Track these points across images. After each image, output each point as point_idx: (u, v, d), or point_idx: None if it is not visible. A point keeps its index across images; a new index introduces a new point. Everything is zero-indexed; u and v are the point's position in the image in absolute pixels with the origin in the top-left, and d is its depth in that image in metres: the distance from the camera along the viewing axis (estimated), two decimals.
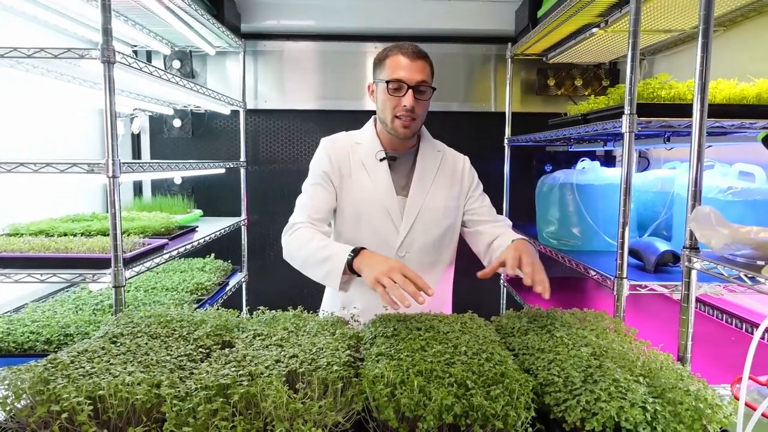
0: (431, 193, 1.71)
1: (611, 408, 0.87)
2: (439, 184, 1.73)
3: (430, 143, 1.78)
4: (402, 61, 1.57)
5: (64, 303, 2.06)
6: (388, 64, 1.59)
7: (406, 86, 1.56)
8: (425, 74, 1.59)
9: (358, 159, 1.71)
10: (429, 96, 1.62)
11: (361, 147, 1.72)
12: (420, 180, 1.70)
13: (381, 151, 1.69)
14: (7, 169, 1.56)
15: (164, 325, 1.24)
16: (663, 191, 2.13)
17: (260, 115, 3.35)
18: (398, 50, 1.59)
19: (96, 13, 2.19)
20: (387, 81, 1.58)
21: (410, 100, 1.56)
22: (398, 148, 1.72)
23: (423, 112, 1.63)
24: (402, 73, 1.56)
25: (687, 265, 1.30)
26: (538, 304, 1.55)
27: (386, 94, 1.59)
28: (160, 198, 2.97)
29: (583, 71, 3.22)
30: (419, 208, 1.68)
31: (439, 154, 1.77)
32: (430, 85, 1.62)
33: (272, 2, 3.16)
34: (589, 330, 1.25)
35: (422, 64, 1.59)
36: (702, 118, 1.26)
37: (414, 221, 1.67)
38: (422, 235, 1.69)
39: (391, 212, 1.67)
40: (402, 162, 1.72)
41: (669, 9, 2.03)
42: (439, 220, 1.71)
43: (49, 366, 0.97)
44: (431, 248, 1.72)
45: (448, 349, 1.09)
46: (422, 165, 1.72)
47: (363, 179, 1.69)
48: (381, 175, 1.68)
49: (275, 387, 0.87)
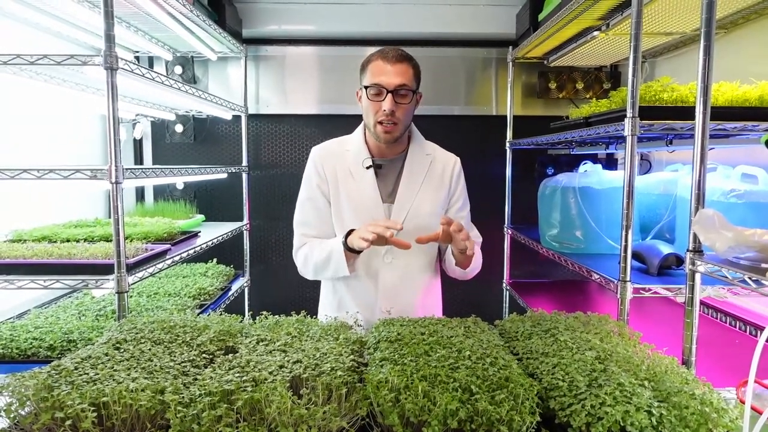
0: (418, 199, 1.70)
1: (616, 412, 0.87)
2: (427, 189, 1.72)
3: (419, 147, 1.76)
4: (382, 66, 1.57)
5: (66, 309, 2.06)
6: (370, 69, 1.59)
7: (386, 90, 1.55)
8: (406, 78, 1.57)
9: (346, 167, 1.72)
10: (411, 100, 1.60)
11: (349, 154, 1.73)
12: (407, 187, 1.70)
13: (367, 159, 1.69)
14: (10, 175, 1.56)
15: (167, 330, 1.24)
16: (665, 194, 2.13)
17: (262, 120, 3.35)
18: (379, 55, 1.59)
19: (97, 19, 2.21)
20: (366, 86, 1.59)
21: (389, 104, 1.55)
22: (387, 153, 1.71)
23: (405, 117, 1.62)
24: (381, 78, 1.56)
25: (691, 268, 1.30)
26: (541, 307, 1.55)
27: (367, 100, 1.60)
28: (162, 203, 2.97)
29: (584, 74, 3.22)
30: (405, 215, 1.68)
31: (428, 158, 1.76)
32: (413, 89, 1.60)
33: (273, 7, 3.17)
34: (593, 333, 1.25)
35: (403, 68, 1.58)
36: (705, 120, 1.26)
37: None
38: (409, 241, 1.68)
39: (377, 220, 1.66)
40: (390, 168, 1.72)
41: (670, 12, 2.03)
42: (426, 225, 1.69)
43: (52, 372, 0.97)
44: (419, 254, 1.73)
45: (452, 353, 1.09)
46: (410, 171, 1.71)
47: (350, 187, 1.70)
48: (367, 184, 1.69)
49: (279, 393, 0.87)
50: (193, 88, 2.23)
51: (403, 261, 1.71)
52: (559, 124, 2.32)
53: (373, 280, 1.71)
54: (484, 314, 1.44)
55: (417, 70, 1.64)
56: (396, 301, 1.70)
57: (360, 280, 1.72)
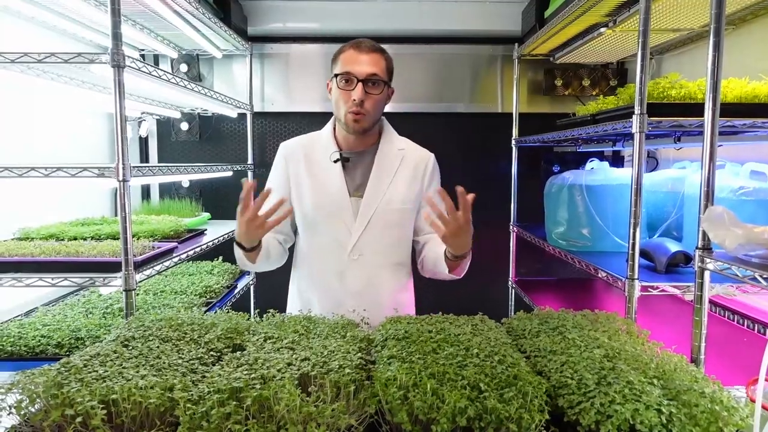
0: (388, 193, 1.65)
1: (626, 410, 0.86)
2: (399, 183, 1.67)
3: (391, 141, 1.72)
4: (354, 55, 1.55)
5: (74, 307, 2.07)
6: (341, 59, 1.57)
7: (356, 79, 1.53)
8: (378, 68, 1.55)
9: (314, 160, 1.68)
10: (382, 91, 1.57)
11: (317, 147, 1.70)
12: (377, 180, 1.65)
13: (335, 152, 1.66)
14: (18, 173, 1.57)
15: (175, 328, 1.24)
16: (673, 191, 2.12)
17: (267, 118, 3.35)
18: (351, 45, 1.57)
19: (103, 17, 2.21)
20: (336, 74, 1.56)
21: (359, 93, 1.53)
22: (356, 146, 1.67)
23: (375, 107, 1.58)
24: (352, 66, 1.54)
25: (700, 265, 1.29)
26: (547, 305, 1.54)
27: (337, 89, 1.57)
28: (168, 201, 2.98)
29: (590, 71, 3.20)
30: (374, 209, 1.63)
31: (400, 153, 1.70)
32: (384, 80, 1.57)
33: (278, 5, 3.17)
34: (601, 331, 1.24)
35: (374, 58, 1.56)
36: (714, 117, 1.25)
37: (368, 223, 1.63)
38: (378, 237, 1.65)
39: (344, 214, 1.63)
40: (360, 161, 1.68)
41: (677, 8, 2.02)
42: (397, 221, 1.66)
43: (62, 370, 0.98)
44: (388, 251, 1.69)
45: (460, 351, 1.08)
46: (380, 164, 1.67)
47: (316, 182, 1.66)
48: (333, 177, 1.65)
49: (288, 390, 0.87)
50: (199, 86, 2.23)
51: (371, 258, 1.66)
52: (566, 121, 2.31)
53: (339, 279, 1.66)
54: (490, 312, 1.43)
55: (390, 63, 1.62)
56: (363, 301, 1.63)
57: (325, 280, 1.68)
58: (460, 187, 1.31)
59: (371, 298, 1.66)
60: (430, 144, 1.79)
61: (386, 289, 1.70)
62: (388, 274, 1.70)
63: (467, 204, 1.33)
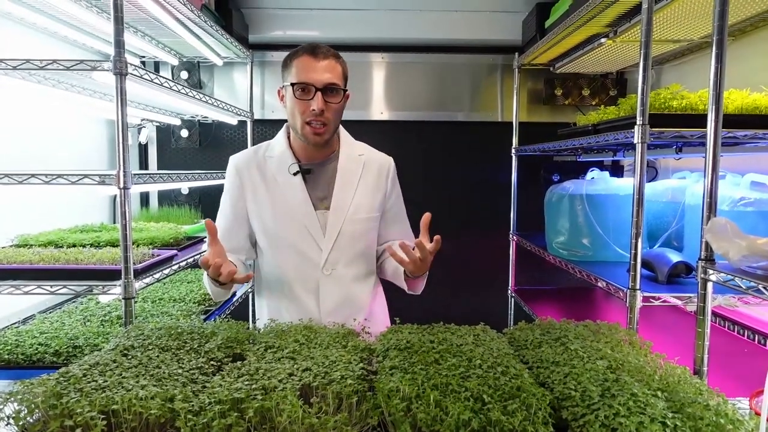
0: (354, 204, 1.59)
1: (631, 423, 0.85)
2: (363, 192, 1.62)
3: (350, 148, 1.66)
4: (310, 62, 1.46)
5: (71, 314, 2.06)
6: (295, 66, 1.48)
7: (314, 88, 1.46)
8: (335, 75, 1.49)
9: (270, 175, 1.59)
10: (341, 99, 1.52)
11: (272, 161, 1.61)
12: (341, 191, 1.58)
13: (294, 164, 1.58)
14: (18, 180, 1.56)
15: (175, 337, 1.23)
16: (673, 201, 2.12)
17: (267, 125, 3.35)
18: (305, 51, 1.48)
19: (103, 24, 2.21)
20: (293, 84, 1.47)
21: (319, 104, 1.45)
22: (315, 157, 1.60)
23: (335, 117, 1.52)
24: (309, 75, 1.45)
25: (703, 276, 1.29)
26: (547, 315, 1.53)
27: (294, 99, 1.48)
28: (166, 208, 2.98)
29: (590, 81, 3.21)
30: (342, 220, 1.57)
31: (361, 159, 1.65)
32: (342, 88, 1.52)
33: (279, 13, 3.18)
34: (604, 342, 1.24)
35: (331, 64, 1.49)
36: (717, 128, 1.26)
37: (338, 236, 1.57)
38: (348, 249, 1.59)
39: (311, 229, 1.56)
40: (321, 172, 1.60)
41: (678, 19, 2.03)
42: (365, 230, 1.61)
43: (61, 379, 0.97)
44: (359, 261, 1.63)
45: (463, 362, 1.07)
46: (343, 174, 1.60)
47: (276, 197, 1.57)
48: (295, 191, 1.56)
49: (290, 401, 0.86)
50: (200, 93, 2.23)
51: (343, 271, 1.59)
52: (567, 130, 2.32)
53: (314, 295, 1.59)
54: (489, 321, 1.42)
55: (345, 69, 1.56)
56: (340, 315, 1.56)
57: (299, 298, 1.60)
58: (428, 213, 1.41)
59: (347, 312, 1.60)
60: (431, 152, 1.79)
61: (363, 301, 1.66)
62: (362, 284, 1.66)
63: (434, 248, 1.40)
